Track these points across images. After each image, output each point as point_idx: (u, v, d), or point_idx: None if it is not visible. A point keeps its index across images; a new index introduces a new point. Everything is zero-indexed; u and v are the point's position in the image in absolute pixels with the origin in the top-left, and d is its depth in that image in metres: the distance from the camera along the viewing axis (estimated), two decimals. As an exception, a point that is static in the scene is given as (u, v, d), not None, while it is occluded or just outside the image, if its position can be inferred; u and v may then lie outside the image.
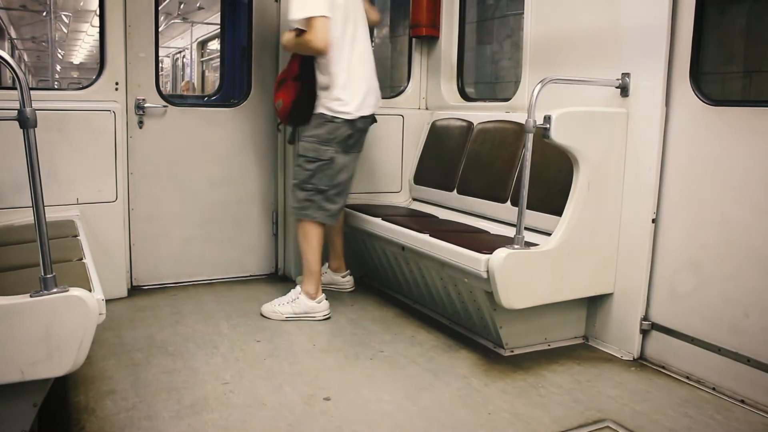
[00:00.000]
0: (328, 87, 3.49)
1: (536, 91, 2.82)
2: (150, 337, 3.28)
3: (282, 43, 3.62)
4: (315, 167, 3.52)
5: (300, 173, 3.57)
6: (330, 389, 2.73)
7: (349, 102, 3.50)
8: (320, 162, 3.51)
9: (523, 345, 3.21)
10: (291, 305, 3.61)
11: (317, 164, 3.52)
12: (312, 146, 3.52)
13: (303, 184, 3.56)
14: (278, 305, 3.63)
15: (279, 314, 3.61)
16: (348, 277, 4.16)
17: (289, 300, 3.63)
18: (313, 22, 3.30)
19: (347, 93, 3.50)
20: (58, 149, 3.58)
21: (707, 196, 2.83)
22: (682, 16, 2.89)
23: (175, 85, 23.02)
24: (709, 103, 2.83)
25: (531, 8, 3.68)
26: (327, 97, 3.50)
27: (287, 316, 3.59)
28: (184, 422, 2.42)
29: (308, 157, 3.53)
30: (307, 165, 3.54)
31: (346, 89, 3.49)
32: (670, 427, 2.48)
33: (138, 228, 4.05)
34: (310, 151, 3.52)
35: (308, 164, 3.53)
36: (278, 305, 3.63)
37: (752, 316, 2.66)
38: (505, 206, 3.65)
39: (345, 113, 3.50)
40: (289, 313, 3.60)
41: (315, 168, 3.52)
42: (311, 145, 3.53)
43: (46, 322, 1.92)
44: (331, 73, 3.46)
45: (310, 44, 3.33)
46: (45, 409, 2.20)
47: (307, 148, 3.54)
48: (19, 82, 1.85)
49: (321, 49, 3.34)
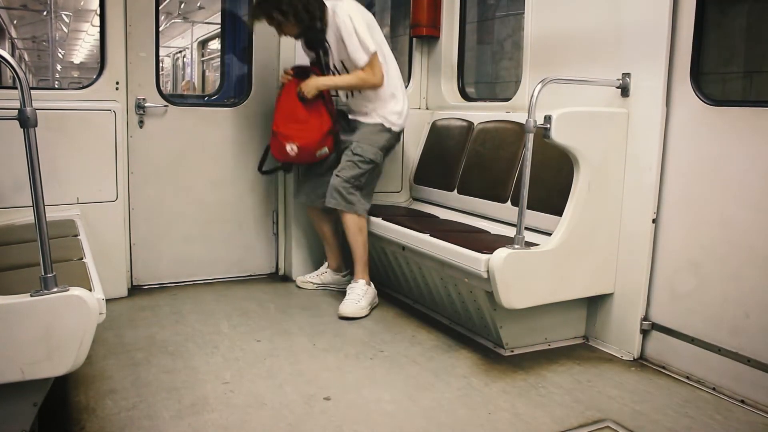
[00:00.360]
0: (384, 100, 3.78)
1: (536, 91, 2.82)
2: (150, 337, 3.28)
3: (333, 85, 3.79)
4: (369, 168, 3.74)
5: (352, 170, 3.70)
6: (330, 389, 2.73)
7: (403, 115, 3.85)
8: (374, 164, 3.76)
9: (523, 345, 3.21)
10: (365, 298, 3.72)
11: (371, 166, 3.75)
12: (373, 150, 3.74)
13: (354, 181, 3.70)
14: (356, 302, 3.68)
15: (364, 310, 3.69)
16: (348, 276, 4.17)
17: (362, 295, 3.72)
18: (374, 58, 3.62)
19: (404, 107, 3.85)
20: (59, 149, 3.58)
21: (708, 196, 2.83)
22: (682, 16, 2.89)
23: (175, 84, 23.01)
24: (709, 103, 2.83)
25: (531, 8, 3.68)
26: (384, 108, 3.80)
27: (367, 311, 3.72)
28: (185, 422, 2.42)
29: (365, 159, 3.72)
30: (362, 165, 3.71)
31: (403, 104, 3.84)
32: (670, 427, 2.48)
33: (138, 227, 4.05)
34: (370, 154, 3.73)
35: (363, 165, 3.72)
36: (356, 302, 3.68)
37: (752, 317, 2.66)
38: (505, 206, 3.65)
39: (400, 125, 3.85)
40: (366, 306, 3.71)
41: (369, 169, 3.74)
42: (372, 148, 3.74)
43: (47, 322, 1.92)
44: (388, 90, 3.76)
45: (370, 82, 3.67)
46: (45, 408, 2.20)
47: (367, 150, 3.73)
48: (20, 82, 1.85)
49: (381, 82, 3.69)
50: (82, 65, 24.94)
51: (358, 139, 3.77)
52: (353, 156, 3.72)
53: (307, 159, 3.83)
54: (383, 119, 3.79)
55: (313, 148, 3.77)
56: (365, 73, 3.65)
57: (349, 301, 3.69)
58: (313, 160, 3.83)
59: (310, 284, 4.20)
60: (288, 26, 3.66)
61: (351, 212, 3.69)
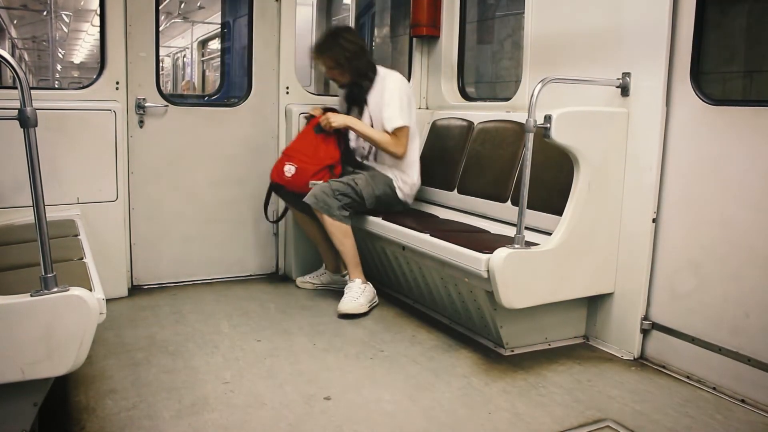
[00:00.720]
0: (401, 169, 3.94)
1: (537, 91, 2.82)
2: (150, 337, 3.28)
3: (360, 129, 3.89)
4: (356, 200, 3.78)
5: (342, 187, 3.75)
6: (330, 389, 2.73)
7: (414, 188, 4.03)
8: (362, 201, 3.80)
9: (523, 345, 3.21)
10: (364, 295, 3.73)
11: (359, 201, 3.79)
12: (369, 192, 3.81)
13: (337, 193, 3.71)
14: (354, 300, 3.70)
15: (363, 307, 3.71)
16: (347, 276, 4.17)
17: (359, 293, 3.73)
18: (404, 130, 3.80)
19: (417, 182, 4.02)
20: (59, 149, 3.58)
21: (708, 196, 2.83)
22: (682, 15, 2.89)
23: (175, 84, 23.01)
24: (709, 102, 2.83)
25: (531, 8, 3.68)
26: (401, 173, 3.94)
27: (367, 308, 3.74)
28: (185, 422, 2.42)
29: (358, 192, 3.78)
30: (352, 193, 3.76)
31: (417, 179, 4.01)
32: (670, 426, 2.48)
33: (138, 227, 4.05)
34: (365, 192, 3.80)
35: (353, 194, 3.77)
36: (354, 300, 3.70)
37: (753, 316, 2.66)
38: (505, 206, 3.65)
39: (405, 195, 3.98)
40: (365, 304, 3.73)
41: (355, 201, 3.78)
42: (370, 190, 3.81)
43: (47, 322, 1.92)
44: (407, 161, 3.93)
45: (391, 148, 3.81)
46: (45, 408, 2.20)
47: (364, 188, 3.80)
48: (20, 82, 1.85)
49: (402, 155, 3.85)
50: (82, 65, 24.93)
51: (364, 177, 3.85)
52: (351, 182, 3.78)
53: (299, 185, 3.85)
54: (395, 179, 3.92)
55: (308, 175, 3.84)
56: (391, 138, 3.80)
57: (347, 298, 3.70)
58: (304, 189, 3.82)
59: (309, 284, 4.21)
60: (338, 73, 3.92)
61: (325, 213, 3.68)
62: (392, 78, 3.89)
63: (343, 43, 3.84)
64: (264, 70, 4.30)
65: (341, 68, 3.87)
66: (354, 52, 3.85)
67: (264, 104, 4.31)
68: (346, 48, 3.84)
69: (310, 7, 8.37)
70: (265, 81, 4.30)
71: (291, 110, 4.24)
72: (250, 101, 4.31)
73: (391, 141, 3.79)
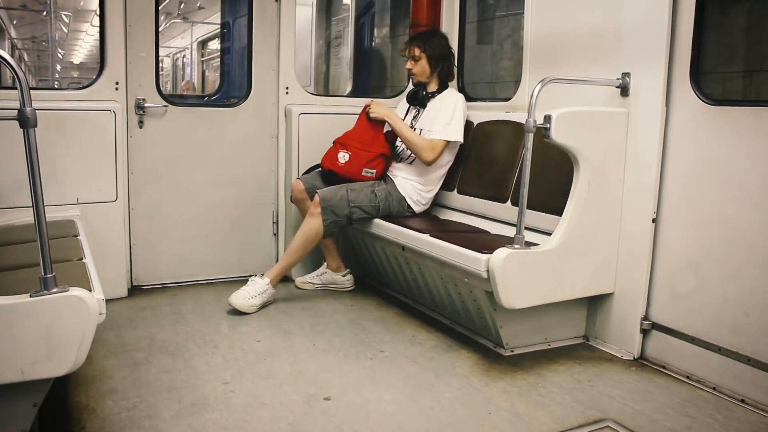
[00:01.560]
0: (423, 183, 3.95)
1: (536, 91, 2.82)
2: (150, 337, 3.28)
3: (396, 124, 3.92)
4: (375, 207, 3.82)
5: (361, 199, 3.79)
6: (330, 389, 2.73)
7: (428, 200, 4.02)
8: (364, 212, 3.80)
9: (523, 345, 3.21)
10: (261, 297, 3.73)
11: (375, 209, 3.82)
12: (372, 205, 3.81)
13: (352, 205, 3.76)
14: (249, 298, 3.70)
15: (254, 308, 3.70)
16: (348, 276, 4.17)
17: (259, 292, 3.73)
18: (443, 144, 3.81)
19: (432, 194, 4.02)
20: (59, 149, 3.58)
21: (707, 196, 2.83)
22: (682, 15, 2.89)
23: (175, 84, 23.00)
24: (709, 102, 2.83)
25: (531, 8, 3.68)
26: (419, 190, 3.95)
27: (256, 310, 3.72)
28: (185, 422, 2.42)
29: (365, 206, 3.79)
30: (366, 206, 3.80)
31: (433, 192, 4.01)
32: (670, 426, 2.48)
33: (138, 228, 4.05)
34: (385, 202, 3.84)
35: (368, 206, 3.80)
36: (249, 298, 3.70)
37: (753, 316, 2.66)
38: (505, 206, 3.65)
39: (417, 204, 3.95)
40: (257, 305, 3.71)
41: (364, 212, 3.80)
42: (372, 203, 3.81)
43: (47, 322, 1.92)
44: (436, 175, 3.96)
45: (424, 152, 3.80)
46: (45, 408, 2.20)
47: (387, 198, 3.85)
48: (19, 82, 1.85)
49: (429, 163, 3.84)
50: (82, 65, 24.91)
51: (384, 191, 3.87)
52: (371, 195, 3.82)
53: (353, 172, 3.89)
54: (413, 190, 3.94)
55: (362, 163, 3.89)
56: (427, 144, 3.81)
57: (243, 293, 3.70)
58: (358, 176, 3.88)
59: (309, 285, 4.21)
60: (421, 67, 3.97)
61: (323, 215, 3.70)
62: (456, 95, 3.99)
63: (442, 42, 4.01)
64: (263, 70, 4.29)
65: (429, 62, 3.95)
66: (446, 54, 4.00)
67: (264, 104, 4.31)
68: (444, 46, 4.00)
69: (310, 8, 8.37)
70: (264, 81, 4.29)
71: (291, 110, 4.24)
72: (249, 101, 4.30)
73: (427, 146, 3.81)
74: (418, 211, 3.98)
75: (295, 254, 3.80)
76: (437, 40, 3.99)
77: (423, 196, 3.97)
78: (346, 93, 6.11)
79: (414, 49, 3.98)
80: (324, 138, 4.09)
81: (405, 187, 3.93)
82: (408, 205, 3.92)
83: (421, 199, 3.97)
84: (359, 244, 4.22)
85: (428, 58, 3.95)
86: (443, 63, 3.98)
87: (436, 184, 4.00)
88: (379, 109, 3.95)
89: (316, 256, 4.31)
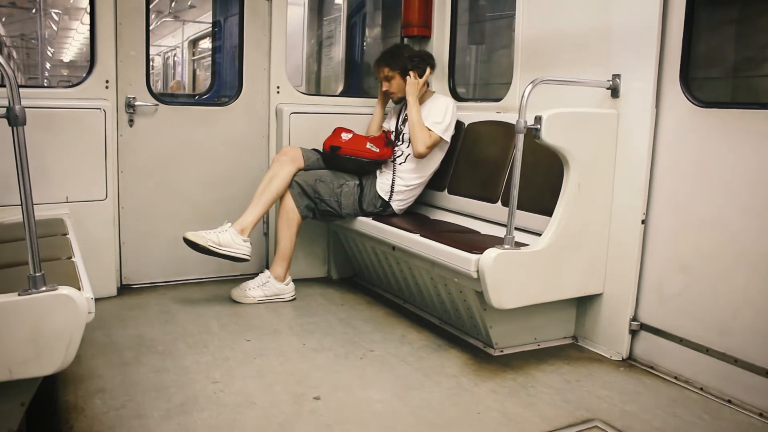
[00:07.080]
0: (406, 178, 3.95)
1: (527, 92, 2.83)
2: (139, 336, 3.26)
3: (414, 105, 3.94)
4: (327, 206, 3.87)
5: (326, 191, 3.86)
6: (320, 388, 2.73)
7: (409, 199, 4.03)
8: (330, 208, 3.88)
9: (512, 345, 3.22)
10: (262, 288, 3.83)
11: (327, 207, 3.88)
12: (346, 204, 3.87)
13: (315, 194, 3.84)
14: (249, 290, 3.82)
15: (251, 298, 3.81)
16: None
17: (260, 284, 3.84)
18: (434, 138, 3.85)
19: (415, 195, 4.03)
20: (48, 147, 3.55)
21: (696, 198, 2.85)
22: (672, 18, 2.91)
23: (166, 83, 22.93)
24: (698, 105, 2.85)
25: (522, 9, 3.69)
26: (402, 184, 3.96)
27: (259, 299, 3.83)
28: (174, 421, 2.41)
29: (331, 202, 3.86)
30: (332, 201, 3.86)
31: (416, 192, 4.03)
32: (658, 426, 2.50)
33: (128, 226, 4.03)
34: (348, 198, 3.88)
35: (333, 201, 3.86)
36: (249, 290, 3.82)
37: (740, 317, 2.68)
38: (495, 206, 3.66)
39: (396, 200, 3.96)
40: (260, 297, 3.82)
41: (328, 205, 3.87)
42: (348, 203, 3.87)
43: (35, 321, 1.91)
44: (425, 173, 3.98)
45: (420, 140, 3.83)
46: (33, 408, 2.19)
47: (342, 199, 3.87)
48: (8, 79, 1.84)
49: (421, 156, 3.87)
50: (72, 63, 24.77)
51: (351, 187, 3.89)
52: (337, 190, 3.86)
53: (356, 148, 3.91)
54: (396, 184, 3.94)
55: (364, 138, 3.98)
56: (426, 134, 3.85)
57: (243, 286, 3.87)
58: (360, 152, 3.90)
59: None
60: (396, 84, 4.05)
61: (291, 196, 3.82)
62: (447, 99, 4.08)
63: (407, 52, 4.08)
64: (255, 69, 4.29)
65: (403, 77, 4.01)
66: (417, 60, 4.03)
67: (255, 104, 4.30)
68: (412, 55, 4.06)
69: (302, 7, 8.37)
70: (255, 80, 4.29)
71: (282, 110, 4.23)
72: (240, 100, 4.29)
73: (426, 136, 3.84)
74: (398, 210, 3.99)
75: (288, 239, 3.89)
76: (401, 53, 4.05)
77: (401, 191, 3.96)
78: (337, 93, 6.10)
79: (383, 70, 4.06)
80: (315, 137, 4.09)
81: (385, 186, 3.95)
82: (386, 202, 3.94)
83: (399, 194, 3.96)
84: (349, 244, 4.22)
85: (401, 74, 4.02)
86: (419, 68, 4.01)
87: (417, 183, 3.99)
88: (413, 85, 3.96)
89: (306, 255, 4.31)
